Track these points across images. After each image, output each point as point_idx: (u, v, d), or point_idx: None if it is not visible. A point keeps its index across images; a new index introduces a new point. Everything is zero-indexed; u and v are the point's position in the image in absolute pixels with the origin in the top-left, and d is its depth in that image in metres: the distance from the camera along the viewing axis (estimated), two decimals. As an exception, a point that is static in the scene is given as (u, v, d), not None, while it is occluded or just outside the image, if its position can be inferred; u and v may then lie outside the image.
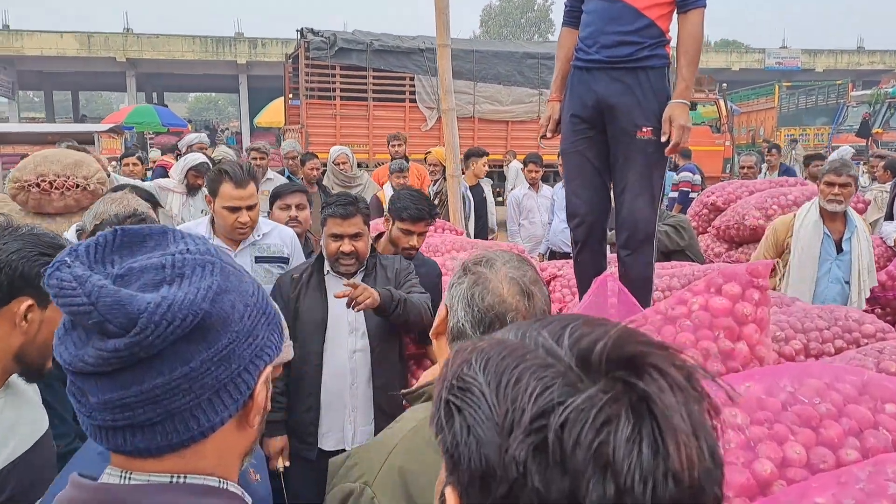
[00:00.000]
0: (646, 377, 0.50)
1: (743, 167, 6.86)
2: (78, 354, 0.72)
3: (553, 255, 6.10)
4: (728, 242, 5.05)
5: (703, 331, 1.85)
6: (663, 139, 2.46)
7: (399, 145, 6.98)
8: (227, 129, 32.28)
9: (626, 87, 2.51)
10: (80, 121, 28.86)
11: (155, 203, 2.95)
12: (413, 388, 1.36)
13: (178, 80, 34.11)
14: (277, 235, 2.94)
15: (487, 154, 6.97)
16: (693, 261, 4.16)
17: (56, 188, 3.60)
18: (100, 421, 0.74)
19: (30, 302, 1.36)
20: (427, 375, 1.48)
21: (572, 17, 2.77)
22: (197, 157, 4.91)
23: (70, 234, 2.64)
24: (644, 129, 2.48)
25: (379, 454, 1.17)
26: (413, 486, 1.11)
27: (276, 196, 3.59)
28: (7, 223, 1.47)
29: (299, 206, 3.56)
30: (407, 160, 6.47)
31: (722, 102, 13.76)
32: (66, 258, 0.73)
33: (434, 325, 1.38)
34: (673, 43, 2.57)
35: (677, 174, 8.17)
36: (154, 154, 12.82)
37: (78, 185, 3.68)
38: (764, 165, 8.13)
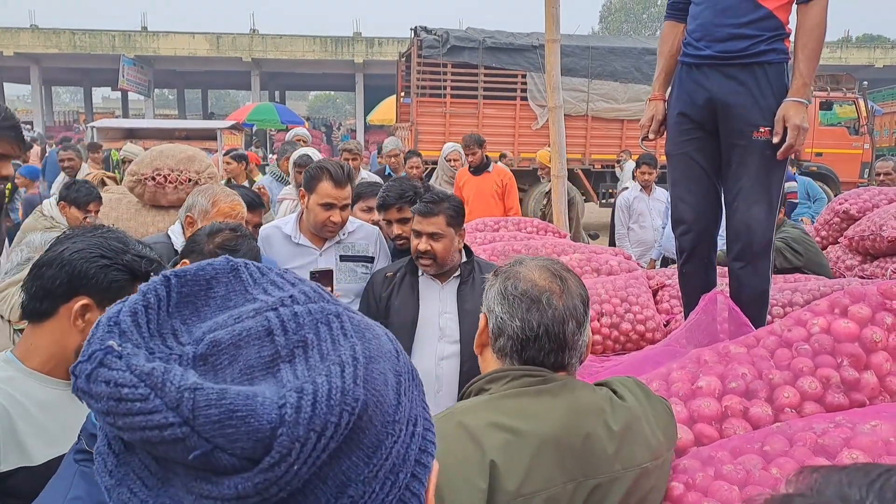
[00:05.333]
0: None
1: (879, 174, 6.24)
2: None
3: (666, 261, 5.84)
4: (862, 255, 4.61)
5: (824, 357, 1.66)
6: (775, 140, 2.24)
7: (472, 154, 5.97)
8: (341, 125, 33.29)
9: (740, 85, 2.30)
10: (207, 118, 30.66)
11: (257, 205, 2.94)
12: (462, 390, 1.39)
13: (299, 79, 35.54)
14: (363, 234, 2.92)
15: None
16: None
17: (170, 182, 3.77)
18: None
19: (85, 301, 1.36)
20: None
21: (677, 9, 2.58)
22: (297, 151, 4.84)
23: (176, 229, 2.72)
24: (761, 130, 2.27)
25: None
26: (441, 476, 1.10)
27: (358, 197, 3.48)
28: (94, 227, 1.50)
29: None
30: (489, 161, 6.12)
31: (862, 102, 12.71)
32: (110, 341, 0.44)
33: (477, 337, 1.40)
34: (793, 37, 2.33)
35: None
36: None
37: (190, 180, 3.85)
38: None
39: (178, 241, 2.59)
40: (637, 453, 1.25)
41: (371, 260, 2.89)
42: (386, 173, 6.47)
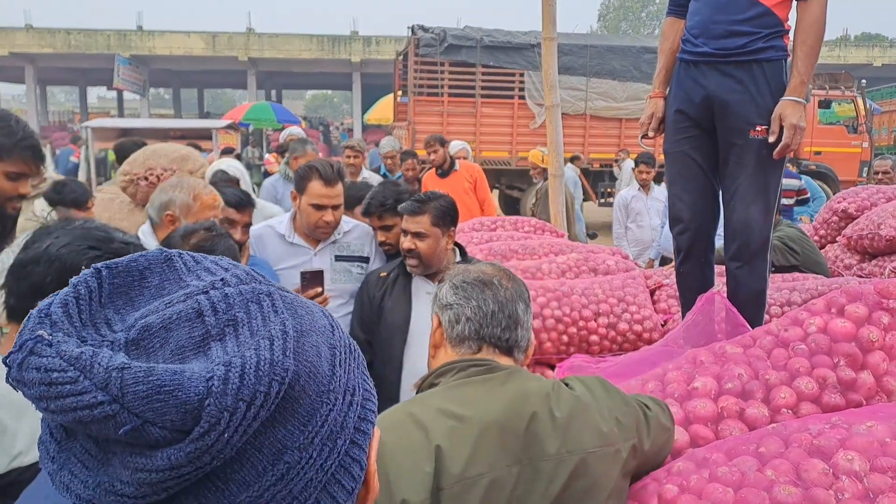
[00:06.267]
0: None
1: (877, 172, 6.23)
2: (102, 483, 0.45)
3: (664, 261, 5.82)
4: (860, 254, 4.60)
5: (821, 357, 1.65)
6: (771, 139, 2.23)
7: (434, 152, 5.86)
8: (341, 125, 33.28)
9: (738, 83, 2.28)
10: (203, 117, 30.50)
11: (246, 204, 2.77)
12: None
13: (296, 78, 35.46)
14: (358, 234, 2.90)
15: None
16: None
17: (163, 182, 3.73)
18: None
19: None
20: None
21: (677, 5, 2.56)
22: (213, 165, 4.21)
23: (145, 230, 2.60)
24: (759, 128, 2.25)
25: None
26: (390, 462, 1.18)
27: (359, 200, 3.39)
28: (65, 220, 1.49)
29: None
30: (453, 162, 6.06)
31: (860, 100, 12.71)
32: (41, 331, 0.46)
33: (430, 339, 1.47)
34: (792, 34, 2.31)
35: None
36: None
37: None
38: None
39: (149, 242, 2.43)
40: (584, 439, 1.29)
41: (366, 260, 2.87)
42: (381, 173, 6.45)
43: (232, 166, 4.25)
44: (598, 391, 1.40)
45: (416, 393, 1.42)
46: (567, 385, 1.40)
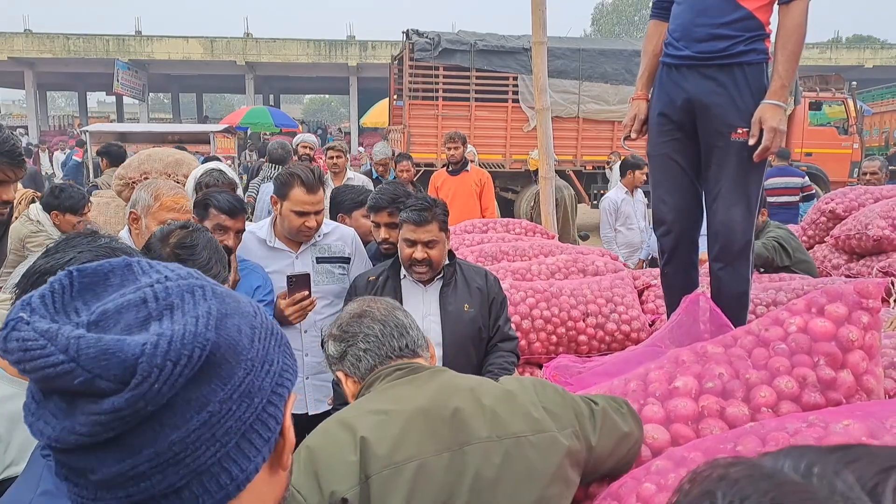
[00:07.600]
0: None
1: (865, 173, 6.25)
2: (65, 426, 0.59)
3: (654, 262, 5.82)
4: (848, 254, 4.63)
5: (801, 356, 1.66)
6: (751, 142, 2.25)
7: (455, 148, 5.98)
8: (339, 129, 33.30)
9: (719, 86, 2.30)
10: (202, 121, 30.55)
11: (240, 211, 2.61)
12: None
13: (294, 82, 35.44)
14: (338, 235, 2.91)
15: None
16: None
17: (155, 186, 3.74)
18: (110, 502, 0.61)
19: None
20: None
21: (661, 8, 2.58)
22: (201, 167, 3.98)
23: (123, 234, 2.62)
24: (739, 131, 2.27)
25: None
26: (318, 461, 1.25)
27: (361, 204, 3.43)
28: (89, 231, 1.46)
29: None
30: (466, 163, 6.12)
31: (851, 102, 12.77)
32: (21, 314, 0.60)
33: (346, 392, 1.53)
34: (773, 38, 2.34)
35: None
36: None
37: (178, 183, 3.82)
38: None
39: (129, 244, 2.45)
40: (514, 424, 1.33)
41: (347, 260, 2.88)
42: (374, 177, 6.49)
43: (224, 168, 3.89)
44: (530, 385, 1.44)
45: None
46: (497, 381, 1.45)
